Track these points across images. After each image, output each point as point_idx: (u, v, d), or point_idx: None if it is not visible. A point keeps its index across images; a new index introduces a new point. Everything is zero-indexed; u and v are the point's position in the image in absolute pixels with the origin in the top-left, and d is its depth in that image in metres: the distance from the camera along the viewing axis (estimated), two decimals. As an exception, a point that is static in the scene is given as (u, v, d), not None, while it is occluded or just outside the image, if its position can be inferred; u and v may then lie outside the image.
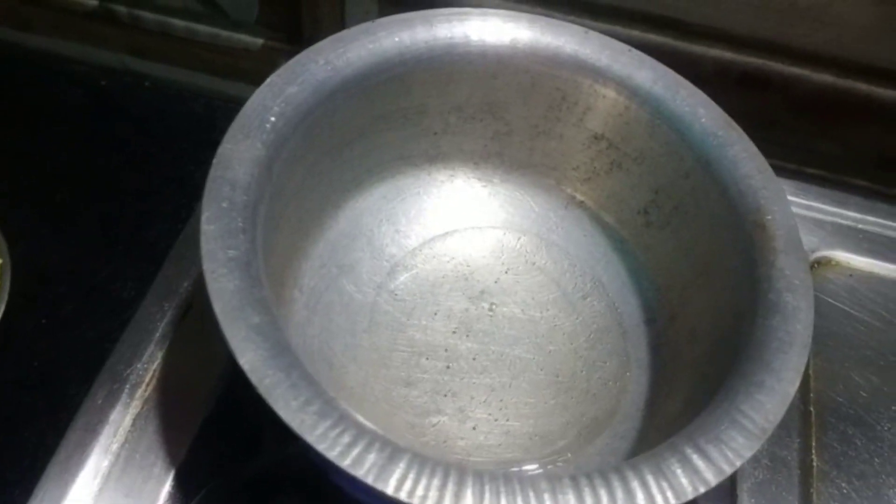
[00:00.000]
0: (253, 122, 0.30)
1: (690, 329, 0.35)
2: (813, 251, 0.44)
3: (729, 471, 0.25)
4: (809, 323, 0.28)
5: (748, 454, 0.25)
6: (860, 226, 0.46)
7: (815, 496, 0.35)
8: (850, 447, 0.37)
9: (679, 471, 0.25)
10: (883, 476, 0.36)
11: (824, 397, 0.39)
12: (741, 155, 0.33)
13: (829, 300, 0.43)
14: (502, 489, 0.24)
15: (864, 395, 0.39)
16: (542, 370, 0.36)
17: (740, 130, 0.33)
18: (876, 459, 0.37)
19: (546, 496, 0.24)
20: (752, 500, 0.35)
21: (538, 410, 0.35)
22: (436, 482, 0.23)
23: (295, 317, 0.35)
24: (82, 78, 0.55)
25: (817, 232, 0.45)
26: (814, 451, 0.37)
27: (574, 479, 0.24)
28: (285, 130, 0.30)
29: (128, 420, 0.36)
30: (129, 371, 0.37)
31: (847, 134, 0.54)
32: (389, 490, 0.23)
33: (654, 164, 0.36)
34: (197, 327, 0.39)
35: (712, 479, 0.25)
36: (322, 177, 0.35)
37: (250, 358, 0.25)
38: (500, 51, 0.35)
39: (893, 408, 0.39)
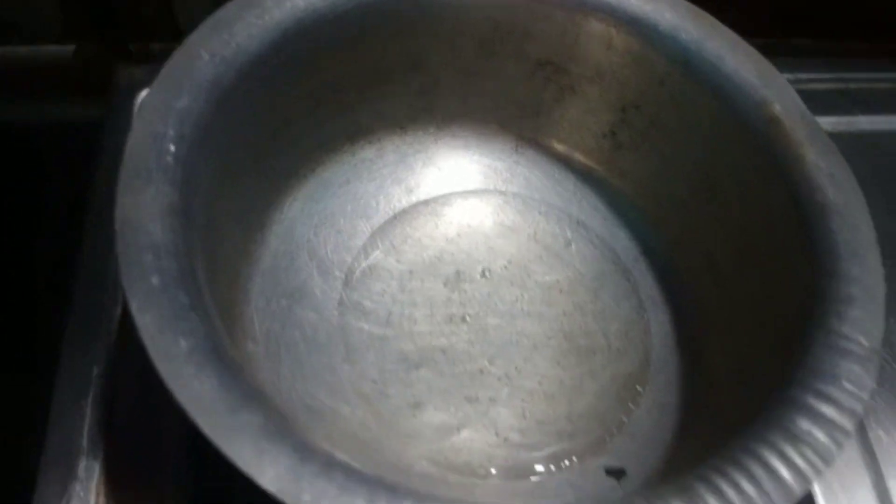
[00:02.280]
0: (149, 159, 0.22)
1: (705, 251, 0.31)
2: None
3: (860, 410, 0.21)
4: (868, 216, 0.25)
5: (871, 383, 0.22)
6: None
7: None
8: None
9: (814, 429, 0.21)
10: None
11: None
12: (723, 46, 0.28)
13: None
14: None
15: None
16: (552, 340, 0.32)
17: (713, 19, 0.29)
18: None
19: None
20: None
21: (566, 386, 0.31)
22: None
23: (260, 374, 0.28)
24: None
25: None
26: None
27: (705, 478, 0.20)
28: (192, 158, 0.23)
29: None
30: (65, 499, 0.29)
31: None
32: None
33: (617, 80, 0.31)
34: (135, 415, 0.31)
35: (849, 426, 0.21)
36: (241, 197, 0.28)
37: (274, 475, 0.18)
38: (414, -9, 0.29)
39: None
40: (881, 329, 0.22)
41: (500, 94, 0.33)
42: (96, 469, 0.30)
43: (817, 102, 0.42)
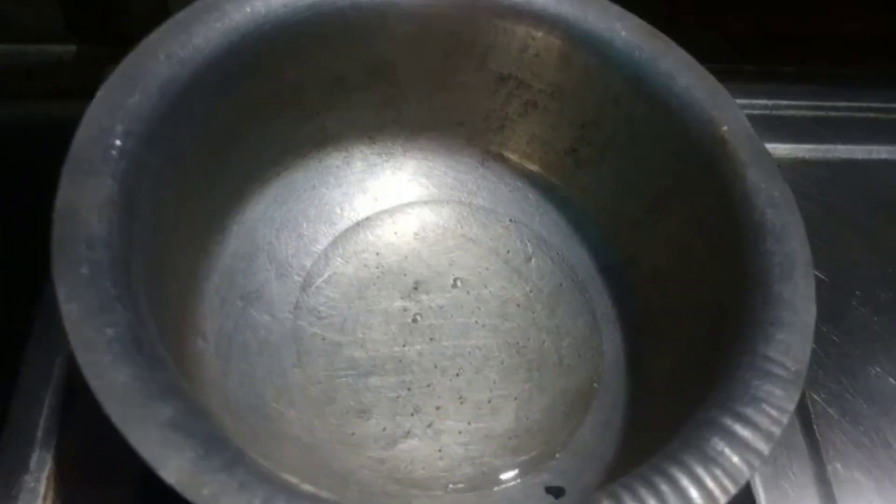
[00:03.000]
0: (93, 152, 0.23)
1: (652, 269, 0.31)
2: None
3: (778, 432, 0.21)
4: (804, 238, 0.25)
5: (791, 406, 0.22)
6: (770, 112, 0.43)
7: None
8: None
9: (727, 450, 0.21)
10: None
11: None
12: (675, 66, 0.28)
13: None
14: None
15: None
16: (505, 353, 0.32)
17: (668, 40, 0.29)
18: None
19: (590, 530, 0.19)
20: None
21: (515, 401, 0.31)
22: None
23: (207, 372, 0.28)
24: None
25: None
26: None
27: (611, 494, 0.20)
28: (138, 153, 0.23)
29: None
30: (14, 490, 0.29)
31: (723, 20, 0.52)
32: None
33: (576, 96, 0.31)
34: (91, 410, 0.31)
35: (765, 448, 0.21)
36: (196, 197, 0.28)
37: (176, 467, 0.18)
38: (378, 2, 0.29)
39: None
40: (807, 353, 0.22)
41: (465, 108, 0.33)
42: (48, 461, 0.30)
43: (795, 129, 0.42)
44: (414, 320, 0.32)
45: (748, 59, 0.52)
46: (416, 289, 0.33)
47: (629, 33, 0.29)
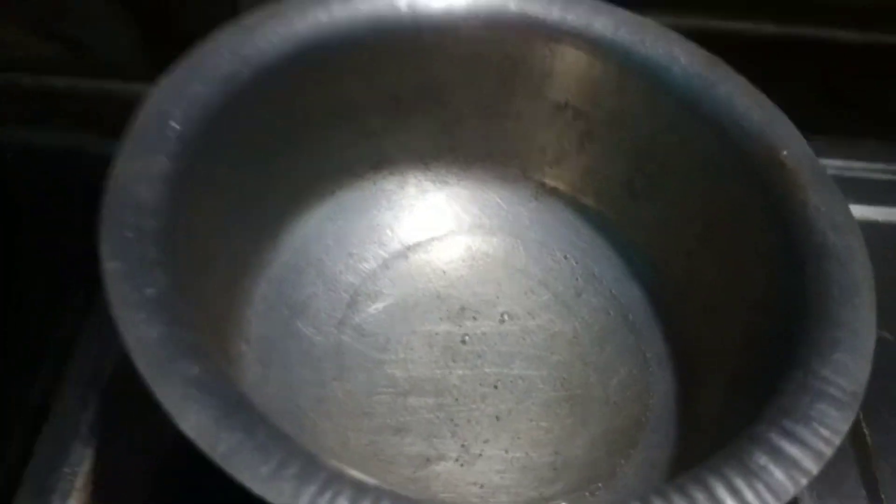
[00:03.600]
0: (151, 131, 0.24)
1: (703, 305, 0.30)
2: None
3: (829, 452, 0.19)
4: (867, 261, 0.23)
5: (845, 427, 0.20)
6: (848, 173, 0.42)
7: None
8: None
9: (771, 465, 0.19)
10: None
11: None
12: (735, 92, 0.28)
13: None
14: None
15: None
16: (549, 386, 0.31)
17: (728, 67, 0.29)
18: None
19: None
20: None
21: (555, 434, 0.30)
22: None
23: (247, 375, 0.28)
24: None
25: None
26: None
27: (643, 498, 0.19)
28: (194, 139, 0.24)
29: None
30: (53, 480, 0.29)
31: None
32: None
33: (632, 125, 0.31)
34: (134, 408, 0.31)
35: (813, 468, 0.19)
36: (250, 199, 0.29)
37: (195, 421, 0.18)
38: (435, 20, 0.30)
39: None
40: (865, 375, 0.21)
41: (521, 138, 0.34)
42: (88, 457, 0.30)
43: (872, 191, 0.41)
44: (457, 344, 0.32)
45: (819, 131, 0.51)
46: (460, 315, 0.32)
47: (687, 59, 0.29)
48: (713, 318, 0.29)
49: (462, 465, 0.28)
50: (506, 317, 0.32)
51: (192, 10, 0.45)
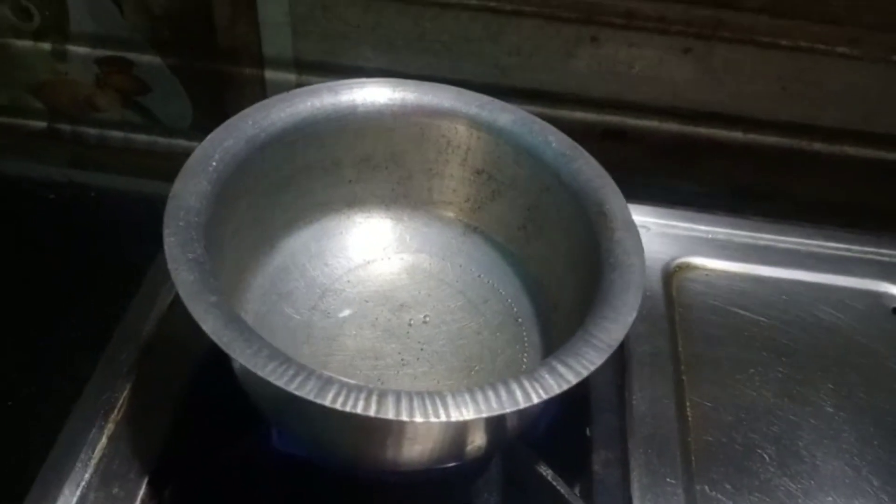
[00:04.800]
0: (198, 167, 0.38)
1: (568, 313, 0.44)
2: (674, 258, 0.54)
3: (584, 373, 0.33)
4: (641, 272, 0.37)
5: (599, 362, 0.33)
6: (710, 236, 0.56)
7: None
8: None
9: (547, 376, 0.32)
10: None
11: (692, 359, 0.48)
12: (583, 166, 0.42)
13: (691, 295, 0.52)
14: (415, 398, 0.31)
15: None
16: (454, 358, 0.44)
17: (582, 149, 0.43)
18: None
19: (448, 400, 0.31)
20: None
21: (453, 388, 0.42)
22: (363, 395, 0.30)
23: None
24: (30, 193, 0.60)
25: (677, 243, 0.55)
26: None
27: (470, 389, 0.32)
28: (225, 173, 0.39)
29: (103, 439, 0.41)
30: (101, 399, 0.43)
31: (699, 172, 0.65)
32: (327, 403, 0.30)
33: (523, 187, 0.45)
34: (158, 362, 0.45)
35: (573, 380, 0.32)
36: (258, 219, 0.43)
37: (211, 324, 0.32)
38: (394, 109, 0.45)
39: (734, 348, 0.49)
40: (619, 337, 0.34)
41: (453, 191, 0.48)
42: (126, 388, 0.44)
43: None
44: (394, 329, 0.45)
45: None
46: (400, 309, 0.46)
47: (558, 144, 0.43)
48: (571, 322, 0.42)
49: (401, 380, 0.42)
50: (431, 312, 0.46)
51: (231, 95, 0.62)
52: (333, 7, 0.58)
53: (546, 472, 0.40)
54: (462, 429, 0.35)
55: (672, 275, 0.53)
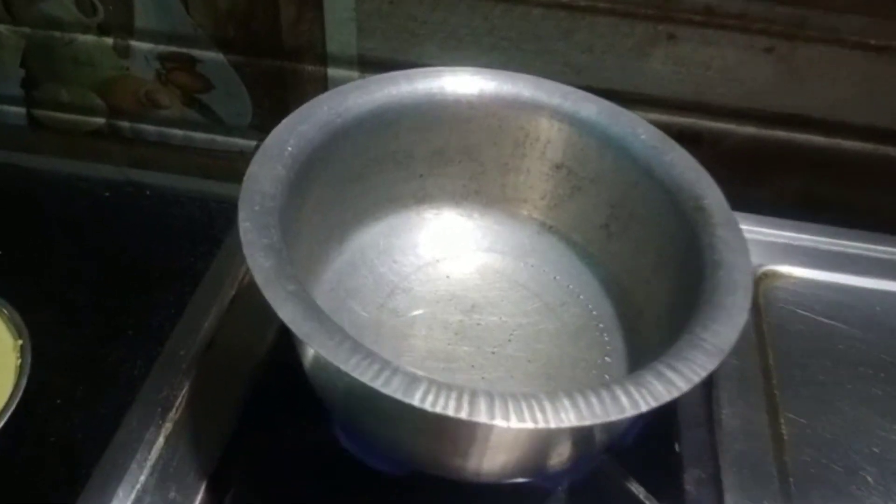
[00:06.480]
0: (273, 151, 0.36)
1: (657, 318, 0.41)
2: (760, 265, 0.51)
3: (696, 380, 0.30)
4: (748, 271, 0.34)
5: (711, 367, 0.30)
6: (795, 243, 0.53)
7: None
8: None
9: (655, 381, 0.29)
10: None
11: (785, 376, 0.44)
12: (676, 158, 0.39)
13: (779, 305, 0.49)
14: (510, 401, 0.28)
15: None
16: (531, 364, 0.41)
17: (673, 141, 0.40)
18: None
19: (546, 404, 0.28)
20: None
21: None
22: (454, 395, 0.28)
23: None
24: (87, 192, 0.59)
25: (761, 250, 0.52)
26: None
27: (569, 393, 0.29)
28: (300, 159, 0.37)
29: (161, 439, 0.39)
30: (159, 397, 0.41)
31: (776, 178, 0.62)
32: (415, 402, 0.27)
33: (608, 182, 0.43)
34: (218, 359, 0.43)
35: (684, 386, 0.29)
36: (328, 212, 0.41)
37: (290, 313, 0.29)
38: (471, 99, 0.43)
39: (828, 362, 0.46)
40: (731, 340, 0.31)
41: (528, 188, 0.45)
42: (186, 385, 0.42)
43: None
44: (465, 330, 0.42)
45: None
46: (471, 310, 0.43)
47: (647, 136, 0.40)
48: (659, 329, 0.39)
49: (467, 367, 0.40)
50: (505, 315, 0.43)
51: (292, 94, 0.60)
52: (401, 3, 0.56)
53: (638, 490, 0.37)
54: (552, 438, 0.32)
55: (758, 283, 0.50)
